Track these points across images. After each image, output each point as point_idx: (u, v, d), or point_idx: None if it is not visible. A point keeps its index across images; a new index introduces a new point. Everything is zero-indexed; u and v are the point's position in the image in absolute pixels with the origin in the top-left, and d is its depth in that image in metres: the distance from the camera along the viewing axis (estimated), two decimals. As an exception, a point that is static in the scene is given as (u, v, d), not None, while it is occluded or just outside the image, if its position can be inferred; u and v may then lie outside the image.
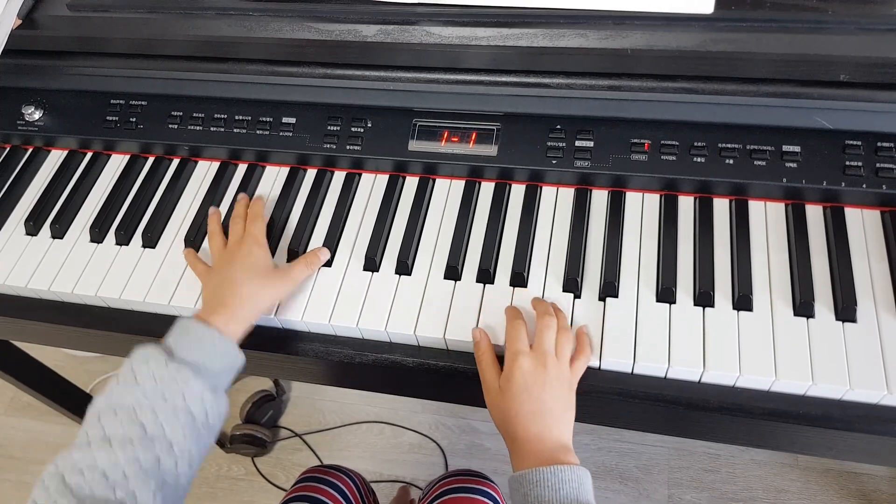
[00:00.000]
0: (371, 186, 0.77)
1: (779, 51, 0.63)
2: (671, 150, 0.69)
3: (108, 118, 0.82)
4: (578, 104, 0.71)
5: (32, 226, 0.79)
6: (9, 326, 0.79)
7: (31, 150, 0.87)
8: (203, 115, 0.80)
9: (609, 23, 0.68)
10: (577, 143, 0.71)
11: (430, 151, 0.74)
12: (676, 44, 0.65)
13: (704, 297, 0.64)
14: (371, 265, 0.71)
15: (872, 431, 0.58)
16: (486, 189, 0.74)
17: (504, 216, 0.72)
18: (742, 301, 0.63)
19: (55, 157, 0.86)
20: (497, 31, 0.69)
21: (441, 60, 0.71)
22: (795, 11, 0.66)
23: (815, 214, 0.68)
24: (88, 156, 0.85)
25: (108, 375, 1.62)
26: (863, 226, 0.66)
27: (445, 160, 0.74)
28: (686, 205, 0.70)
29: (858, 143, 0.66)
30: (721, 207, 0.69)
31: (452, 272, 0.69)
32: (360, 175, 0.78)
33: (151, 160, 0.83)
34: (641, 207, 0.71)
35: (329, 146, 0.76)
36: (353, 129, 0.76)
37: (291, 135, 0.77)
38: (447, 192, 0.75)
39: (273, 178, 0.79)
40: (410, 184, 0.76)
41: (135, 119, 0.82)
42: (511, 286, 0.68)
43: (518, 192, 0.73)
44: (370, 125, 0.76)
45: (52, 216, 0.80)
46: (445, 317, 0.66)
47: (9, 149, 0.87)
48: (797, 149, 0.67)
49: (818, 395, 0.59)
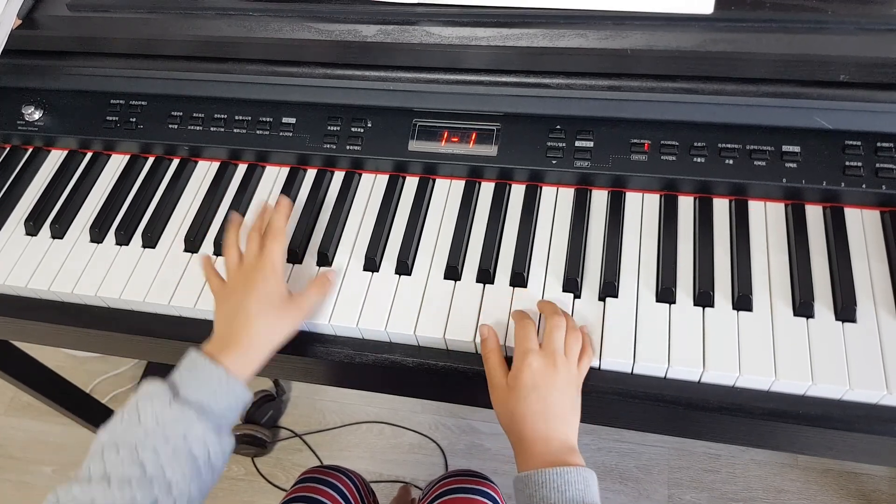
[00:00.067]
0: (371, 186, 0.77)
1: (778, 51, 0.63)
2: (671, 151, 0.69)
3: (108, 118, 0.82)
4: (578, 104, 0.71)
5: (32, 226, 0.79)
6: (9, 326, 0.79)
7: (31, 151, 0.87)
8: (203, 115, 0.80)
9: (609, 23, 0.68)
10: (577, 144, 0.71)
11: (430, 151, 0.74)
12: (676, 44, 0.65)
13: (704, 297, 0.64)
14: (371, 265, 0.71)
15: (872, 431, 0.58)
16: (486, 189, 0.74)
17: (504, 216, 0.72)
18: (742, 301, 0.63)
19: (55, 158, 0.86)
20: (497, 32, 0.69)
21: (441, 60, 0.71)
22: (795, 11, 0.66)
23: (815, 214, 0.68)
24: (88, 156, 0.85)
25: (108, 375, 1.62)
26: (862, 226, 0.66)
27: (445, 160, 0.74)
28: (686, 205, 0.70)
29: (858, 144, 0.66)
30: (721, 207, 0.69)
31: (452, 272, 0.69)
32: (360, 175, 0.78)
33: (151, 160, 0.83)
34: (641, 207, 0.71)
35: (329, 146, 0.76)
36: (353, 130, 0.76)
37: (291, 135, 0.77)
38: (447, 193, 0.75)
39: (273, 179, 0.79)
40: (410, 184, 0.76)
41: (135, 119, 0.82)
42: (511, 286, 0.68)
43: (518, 193, 0.74)
44: (370, 125, 0.76)
45: (52, 216, 0.80)
46: (445, 317, 0.66)
47: (9, 149, 0.87)
48: (797, 149, 0.67)
49: (818, 395, 0.59)
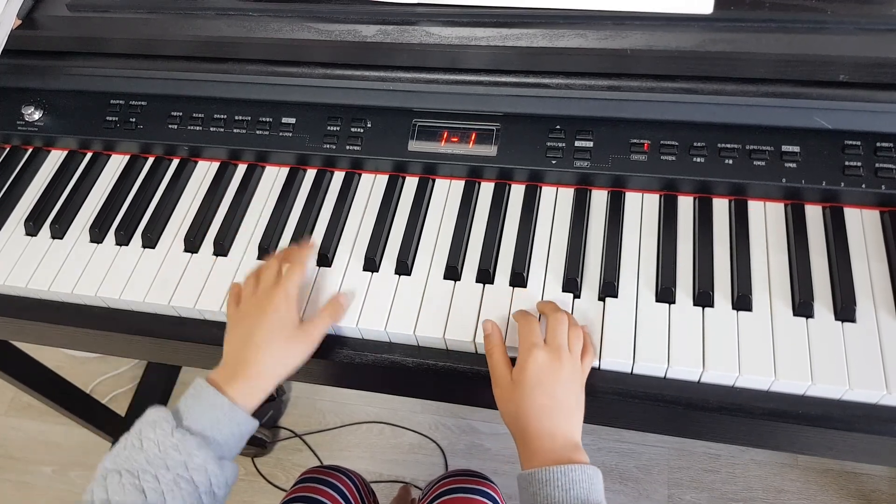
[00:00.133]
0: (371, 186, 0.77)
1: (778, 51, 0.63)
2: (671, 151, 0.69)
3: (108, 118, 0.82)
4: (578, 104, 0.71)
5: (32, 226, 0.79)
6: (9, 326, 0.79)
7: (31, 151, 0.87)
8: (203, 116, 0.80)
9: (608, 23, 0.68)
10: (577, 144, 0.71)
11: (430, 151, 0.74)
12: (676, 44, 0.65)
13: (704, 297, 0.64)
14: (371, 265, 0.71)
15: (872, 431, 0.58)
16: (486, 189, 0.74)
17: (504, 216, 0.72)
18: (741, 301, 0.63)
19: (55, 158, 0.86)
20: (496, 32, 0.69)
21: (441, 61, 0.71)
22: (795, 11, 0.66)
23: (815, 214, 0.68)
24: (88, 156, 0.85)
25: (108, 375, 1.63)
26: (862, 226, 0.66)
27: (445, 160, 0.74)
28: (685, 205, 0.70)
29: (858, 144, 0.66)
30: (720, 207, 0.69)
31: (452, 272, 0.69)
32: (360, 175, 0.78)
33: (151, 160, 0.83)
34: (641, 207, 0.71)
35: (329, 146, 0.76)
36: (353, 130, 0.76)
37: (291, 135, 0.77)
38: (447, 193, 0.75)
39: (273, 179, 0.79)
40: (410, 184, 0.76)
41: (135, 119, 0.82)
42: (511, 286, 0.68)
43: (518, 193, 0.74)
44: (370, 125, 0.76)
45: (52, 216, 0.80)
46: (445, 317, 0.66)
47: (8, 149, 0.87)
48: (796, 149, 0.67)
49: (818, 395, 0.59)
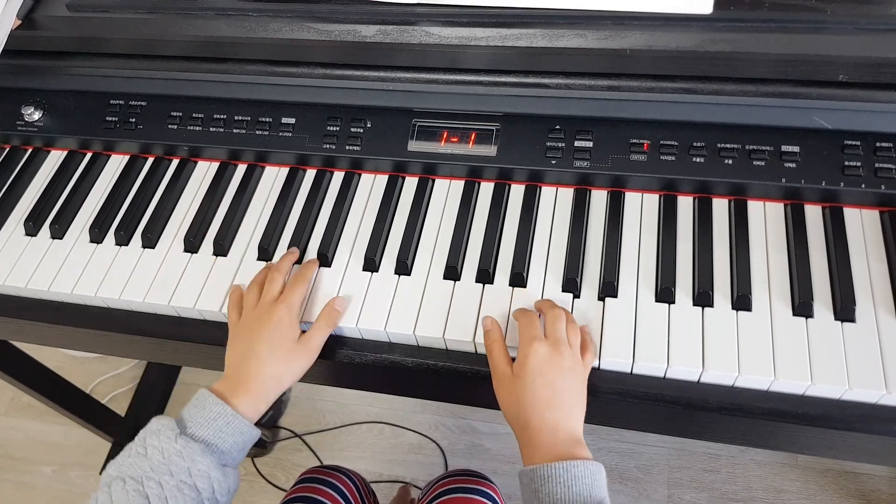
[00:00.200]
0: (370, 187, 0.77)
1: (778, 51, 0.63)
2: (670, 151, 0.69)
3: (108, 118, 0.82)
4: (577, 104, 0.71)
5: (32, 226, 0.79)
6: (8, 326, 0.79)
7: (31, 151, 0.87)
8: (202, 116, 0.80)
9: (608, 23, 0.68)
10: (577, 144, 0.71)
11: (430, 152, 0.74)
12: (675, 44, 0.65)
13: (703, 297, 0.64)
14: (370, 265, 0.71)
15: (871, 431, 0.58)
16: (486, 189, 0.75)
17: (503, 216, 0.72)
18: (741, 301, 0.63)
19: (55, 158, 0.86)
20: (496, 32, 0.69)
21: (440, 61, 0.71)
22: (794, 11, 0.66)
23: (814, 214, 0.68)
24: (88, 156, 0.85)
25: (108, 375, 1.63)
26: (861, 226, 0.66)
27: (445, 160, 0.74)
28: (685, 205, 0.70)
29: (857, 143, 0.66)
30: (720, 207, 0.69)
31: (452, 272, 0.69)
32: (360, 175, 0.78)
33: (151, 160, 0.83)
34: (641, 207, 0.71)
35: (328, 146, 0.76)
36: (353, 130, 0.76)
37: (291, 135, 0.77)
38: (446, 193, 0.75)
39: (272, 179, 0.79)
40: (410, 184, 0.76)
41: (134, 119, 0.82)
42: (510, 286, 0.68)
43: (517, 193, 0.74)
44: (369, 125, 0.76)
45: (52, 216, 0.80)
46: (445, 317, 0.66)
47: (8, 149, 0.87)
48: (796, 149, 0.67)
49: (817, 395, 0.59)
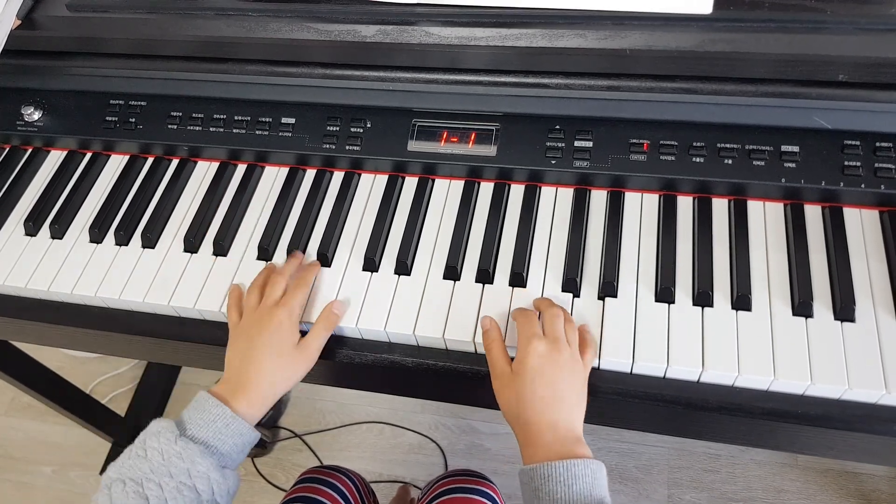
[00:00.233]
0: (370, 187, 0.77)
1: (777, 51, 0.63)
2: (670, 151, 0.69)
3: (108, 118, 0.82)
4: (577, 104, 0.71)
5: (32, 226, 0.79)
6: (8, 326, 0.79)
7: (31, 151, 0.87)
8: (202, 116, 0.80)
9: (608, 23, 0.68)
10: (576, 144, 0.71)
11: (430, 151, 0.74)
12: (675, 44, 0.65)
13: (703, 297, 0.64)
14: (370, 265, 0.71)
15: (871, 431, 0.58)
16: (486, 189, 0.75)
17: (503, 216, 0.72)
18: (741, 301, 0.63)
19: (54, 158, 0.86)
20: (496, 32, 0.69)
21: (440, 61, 0.71)
22: (794, 11, 0.66)
23: (814, 214, 0.68)
24: (88, 156, 0.85)
25: (108, 376, 1.63)
26: (861, 226, 0.66)
27: (444, 160, 0.74)
28: (685, 205, 0.70)
29: (857, 143, 0.66)
30: (720, 207, 0.69)
31: (452, 272, 0.69)
32: (360, 175, 0.78)
33: (151, 160, 0.83)
34: (640, 207, 0.71)
35: (328, 146, 0.76)
36: (353, 130, 0.76)
37: (291, 135, 0.77)
38: (446, 193, 0.75)
39: (272, 179, 0.79)
40: (410, 184, 0.76)
41: (134, 119, 0.82)
42: (510, 286, 0.68)
43: (517, 192, 0.74)
44: (369, 125, 0.76)
45: (52, 216, 0.80)
46: (445, 317, 0.66)
47: (8, 149, 0.87)
48: (796, 149, 0.67)
49: (817, 395, 0.59)
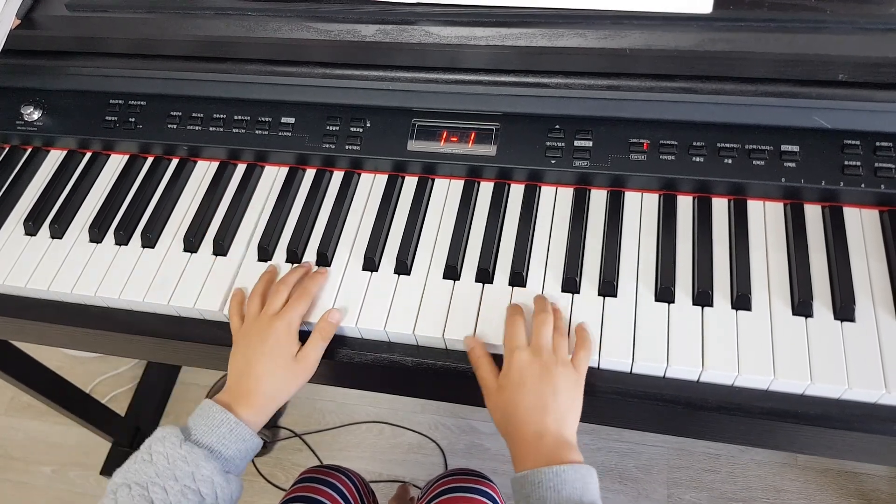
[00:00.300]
0: (370, 186, 0.77)
1: (777, 50, 0.63)
2: (670, 150, 0.69)
3: (107, 118, 0.82)
4: (577, 104, 0.71)
5: (31, 226, 0.79)
6: (8, 326, 0.79)
7: (30, 151, 0.87)
8: (202, 115, 0.80)
9: (607, 23, 0.68)
10: (576, 143, 0.71)
11: (429, 151, 0.74)
12: (675, 43, 0.65)
13: (703, 297, 0.64)
14: (370, 265, 0.71)
15: (871, 430, 0.58)
16: (486, 189, 0.74)
17: (503, 216, 0.72)
18: (741, 300, 0.63)
19: (54, 157, 0.86)
20: (496, 31, 0.69)
21: (440, 60, 0.71)
22: (794, 11, 0.66)
23: (814, 214, 0.68)
24: (87, 156, 0.85)
25: (108, 375, 1.62)
26: (861, 225, 0.66)
27: (444, 160, 0.74)
28: (685, 204, 0.70)
29: (857, 143, 0.66)
30: (720, 207, 0.69)
31: (451, 272, 0.69)
32: (359, 175, 0.78)
33: (150, 160, 0.83)
34: (640, 207, 0.71)
35: (328, 146, 0.76)
36: (352, 129, 0.76)
37: (290, 135, 0.77)
38: (446, 192, 0.75)
39: (272, 178, 0.79)
40: (409, 183, 0.76)
41: (134, 119, 0.82)
42: (510, 286, 0.68)
43: (517, 192, 0.74)
44: (369, 125, 0.76)
45: (52, 216, 0.80)
46: (444, 316, 0.66)
47: (8, 149, 0.87)
48: (796, 148, 0.67)
49: (817, 395, 0.59)
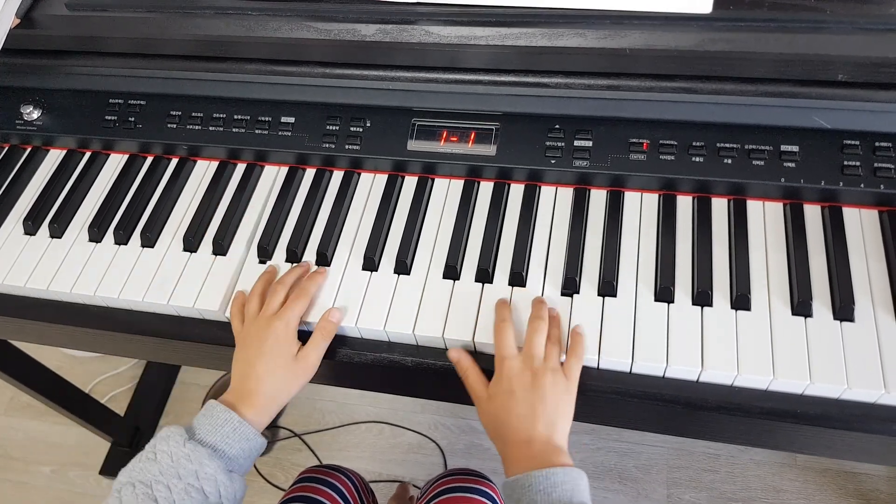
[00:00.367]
0: (370, 186, 0.77)
1: (777, 50, 0.63)
2: (670, 150, 0.69)
3: (107, 118, 0.82)
4: (577, 104, 0.71)
5: (31, 225, 0.79)
6: (8, 326, 0.79)
7: (30, 150, 0.87)
8: (202, 115, 0.80)
9: (607, 22, 0.68)
10: (576, 143, 0.71)
11: (429, 151, 0.74)
12: (675, 43, 0.65)
13: (703, 297, 0.64)
14: (370, 265, 0.71)
15: (870, 430, 0.59)
16: (485, 188, 0.74)
17: (503, 216, 0.72)
18: (740, 300, 0.63)
19: (54, 157, 0.86)
20: (496, 31, 0.69)
21: (440, 60, 0.71)
22: (793, 11, 0.66)
23: (814, 214, 0.68)
24: (87, 155, 0.85)
25: (107, 375, 1.63)
26: (861, 225, 0.66)
27: (444, 160, 0.74)
28: (684, 204, 0.70)
29: (856, 143, 0.66)
30: (719, 207, 0.69)
31: (451, 272, 0.69)
32: (359, 174, 0.78)
33: (150, 160, 0.83)
34: (640, 207, 0.71)
35: (328, 146, 0.76)
36: (352, 129, 0.76)
37: (290, 134, 0.77)
38: (446, 192, 0.75)
39: (272, 178, 0.79)
40: (409, 183, 0.76)
41: (133, 118, 0.82)
42: (510, 286, 0.68)
43: (517, 192, 0.74)
44: (369, 125, 0.76)
45: (51, 216, 0.80)
46: (444, 316, 0.66)
47: (7, 148, 0.87)
48: (795, 148, 0.67)
49: (816, 395, 0.59)
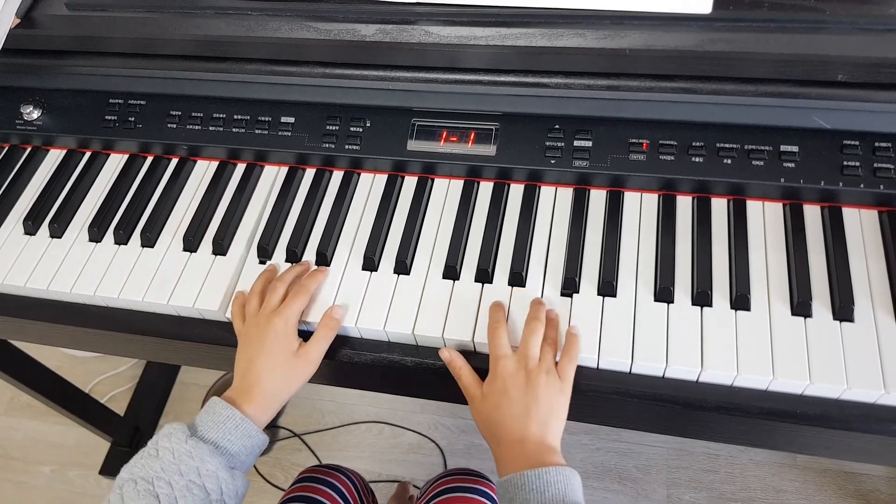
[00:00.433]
0: (370, 186, 0.77)
1: (777, 51, 0.63)
2: (669, 150, 0.69)
3: (107, 117, 0.82)
4: (577, 104, 0.71)
5: (31, 225, 0.79)
6: (8, 326, 0.79)
7: (30, 150, 0.87)
8: (202, 115, 0.80)
9: (607, 23, 0.68)
10: (576, 143, 0.71)
11: (429, 151, 0.74)
12: (674, 44, 0.65)
13: (702, 297, 0.64)
14: (370, 265, 0.71)
15: (870, 431, 0.59)
16: (485, 189, 0.75)
17: (503, 216, 0.72)
18: (740, 300, 0.63)
19: (54, 157, 0.86)
20: (496, 31, 0.69)
21: (440, 60, 0.71)
22: (793, 11, 0.66)
23: (813, 214, 0.68)
24: (87, 155, 0.85)
25: (107, 375, 1.63)
26: (860, 226, 0.66)
27: (444, 160, 0.74)
28: (684, 204, 0.70)
29: (856, 143, 0.66)
30: (719, 207, 0.69)
31: (451, 272, 0.69)
32: (359, 174, 0.78)
33: (150, 159, 0.83)
34: (640, 207, 0.71)
35: (328, 146, 0.76)
36: (352, 129, 0.76)
37: (290, 134, 0.77)
38: (446, 192, 0.75)
39: (272, 178, 0.79)
40: (409, 183, 0.76)
41: (133, 118, 0.82)
42: (509, 286, 0.68)
43: (517, 192, 0.74)
44: (369, 125, 0.76)
45: (51, 215, 0.80)
46: (444, 316, 0.66)
47: (7, 148, 0.87)
48: (795, 149, 0.67)
49: (816, 395, 0.59)
